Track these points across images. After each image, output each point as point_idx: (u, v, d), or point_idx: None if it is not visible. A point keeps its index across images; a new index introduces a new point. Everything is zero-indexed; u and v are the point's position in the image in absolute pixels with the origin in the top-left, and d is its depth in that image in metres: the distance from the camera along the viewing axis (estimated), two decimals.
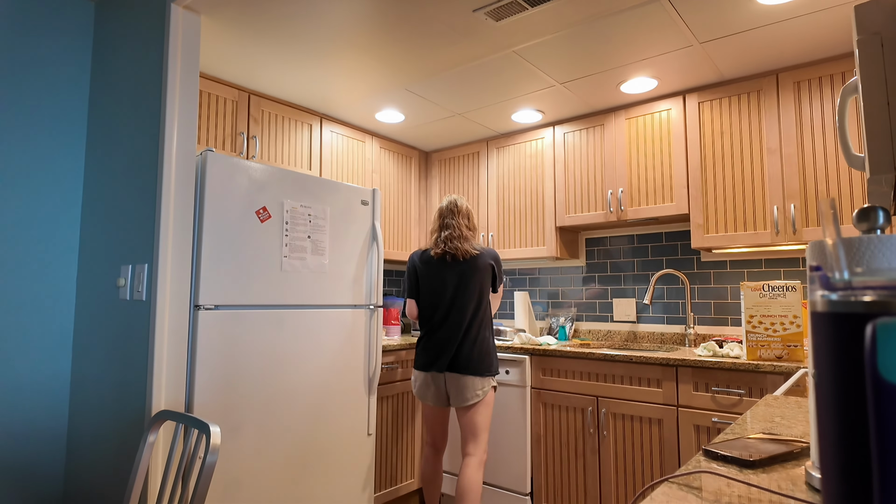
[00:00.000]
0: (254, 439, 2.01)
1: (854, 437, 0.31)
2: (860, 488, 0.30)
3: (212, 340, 1.93)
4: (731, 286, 2.82)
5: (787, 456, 0.81)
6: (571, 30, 2.19)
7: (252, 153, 2.72)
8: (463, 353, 2.36)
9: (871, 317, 0.30)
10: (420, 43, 2.30)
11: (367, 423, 2.46)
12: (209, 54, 2.39)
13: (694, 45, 2.31)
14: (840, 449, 0.31)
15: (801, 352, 2.13)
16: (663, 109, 2.79)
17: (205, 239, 1.94)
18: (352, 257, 2.45)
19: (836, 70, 2.32)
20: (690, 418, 2.27)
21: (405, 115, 3.16)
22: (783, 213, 2.40)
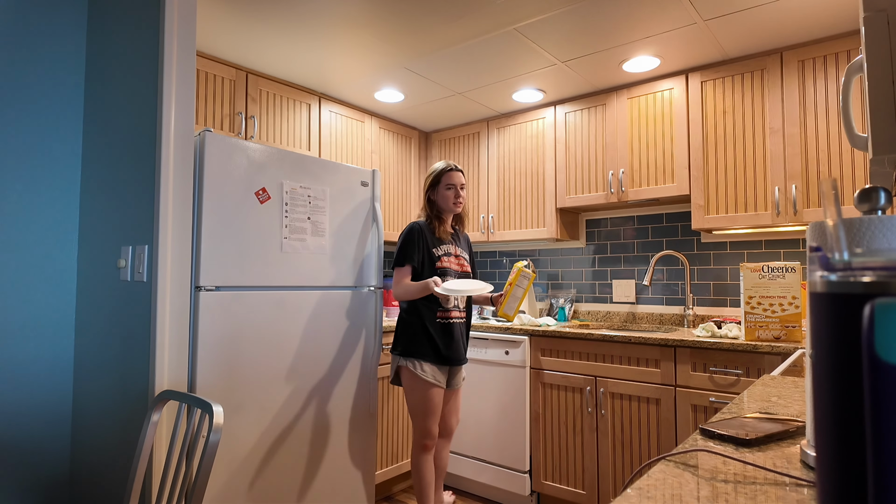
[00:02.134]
0: (256, 419, 2.04)
1: (850, 416, 0.31)
2: (854, 466, 0.30)
3: (213, 321, 1.94)
4: (731, 267, 2.82)
5: (782, 435, 0.82)
6: (573, 6, 2.15)
7: (251, 133, 2.70)
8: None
9: (869, 297, 0.30)
10: (420, 19, 2.26)
11: (368, 402, 2.49)
12: (206, 32, 2.36)
13: (697, 23, 2.28)
14: (835, 427, 0.32)
15: (798, 332, 2.15)
16: (666, 89, 2.76)
17: (204, 220, 1.93)
18: (352, 238, 2.45)
19: (842, 48, 2.29)
20: (688, 398, 2.29)
21: (405, 94, 3.13)
22: (784, 193, 2.39)
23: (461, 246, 2.41)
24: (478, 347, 2.97)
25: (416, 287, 2.18)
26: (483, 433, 2.91)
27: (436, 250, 2.27)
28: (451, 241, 2.35)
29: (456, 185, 2.31)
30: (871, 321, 0.28)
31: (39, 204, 2.07)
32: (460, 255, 2.36)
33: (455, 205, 2.32)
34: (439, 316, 2.26)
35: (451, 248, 2.33)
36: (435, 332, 2.22)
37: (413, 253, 2.24)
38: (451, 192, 2.31)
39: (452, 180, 2.31)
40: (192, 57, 1.89)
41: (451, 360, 2.25)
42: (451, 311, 2.27)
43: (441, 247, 2.30)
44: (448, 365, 2.26)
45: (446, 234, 2.33)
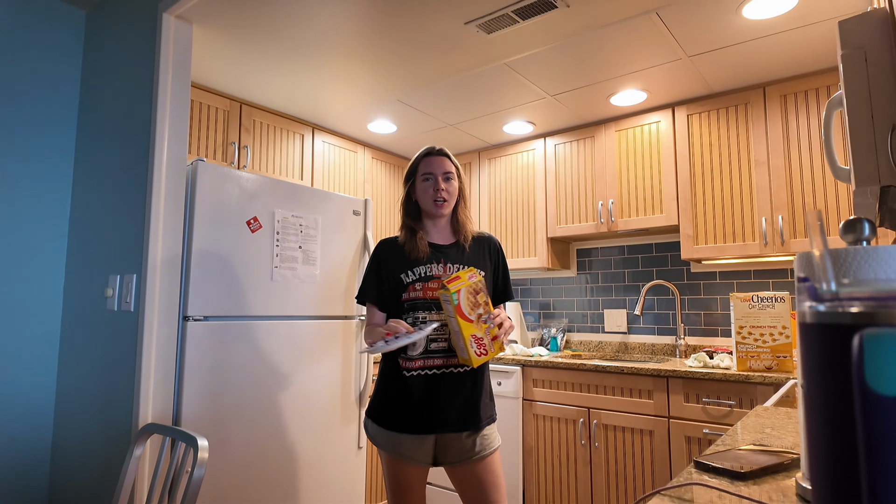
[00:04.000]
0: (243, 452, 1.99)
1: (843, 448, 0.31)
2: (850, 499, 0.30)
3: (200, 352, 1.91)
4: (721, 297, 2.84)
5: (777, 467, 0.81)
6: (562, 42, 2.21)
7: (243, 163, 2.72)
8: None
9: (858, 328, 0.30)
10: (412, 54, 2.31)
11: (357, 436, 2.44)
12: (201, 64, 2.39)
13: (682, 59, 2.34)
14: (829, 460, 0.31)
15: (790, 362, 2.15)
16: (653, 122, 2.82)
17: (194, 249, 1.92)
18: (343, 267, 2.44)
19: (822, 84, 2.36)
20: (681, 429, 2.27)
21: (397, 125, 3.17)
22: (771, 224, 2.43)
23: (466, 259, 1.63)
24: None
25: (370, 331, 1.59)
26: None
27: (405, 275, 1.57)
28: (435, 258, 1.60)
29: (436, 175, 1.60)
30: (860, 352, 0.28)
31: (27, 230, 2.05)
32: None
33: (436, 204, 1.60)
34: (405, 366, 1.55)
35: (436, 269, 1.59)
36: (401, 386, 1.55)
37: (368, 284, 1.64)
38: (430, 184, 1.60)
39: (430, 168, 1.61)
40: (186, 88, 1.91)
41: (429, 425, 1.52)
42: (419, 360, 1.54)
43: (415, 269, 1.58)
44: (426, 433, 1.52)
45: (421, 250, 1.59)
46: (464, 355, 1.45)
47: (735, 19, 2.03)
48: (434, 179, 1.60)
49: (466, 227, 1.67)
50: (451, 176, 1.63)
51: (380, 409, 1.59)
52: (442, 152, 1.65)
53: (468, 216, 1.69)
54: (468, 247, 1.66)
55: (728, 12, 1.98)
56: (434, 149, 1.65)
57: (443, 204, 1.60)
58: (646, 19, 2.03)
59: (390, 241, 1.66)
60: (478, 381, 1.60)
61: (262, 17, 2.02)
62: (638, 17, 2.01)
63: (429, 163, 1.63)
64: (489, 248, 1.70)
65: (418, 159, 1.66)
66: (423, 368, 1.55)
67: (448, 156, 1.65)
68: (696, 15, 2.00)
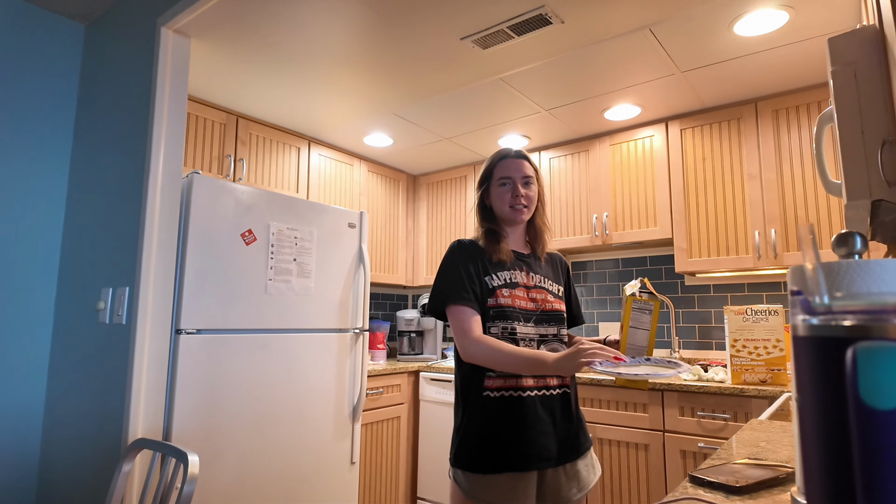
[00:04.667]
0: (235, 467, 1.96)
1: (838, 462, 0.30)
2: None
3: (193, 365, 1.89)
4: (715, 310, 2.84)
5: (772, 481, 0.81)
6: (557, 58, 2.24)
7: (239, 176, 2.72)
8: None
9: (851, 341, 0.31)
10: (408, 69, 2.33)
11: (350, 451, 2.41)
12: (198, 77, 2.40)
13: (676, 74, 2.37)
14: (824, 474, 0.31)
15: (784, 376, 2.14)
16: (646, 136, 2.84)
17: (188, 262, 1.91)
18: (338, 280, 2.43)
19: (813, 99, 2.39)
20: (677, 443, 2.25)
21: (393, 139, 3.19)
22: (764, 237, 2.44)
23: (543, 272, 1.50)
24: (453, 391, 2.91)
25: (513, 353, 1.25)
26: None
27: (490, 279, 1.39)
28: (518, 265, 1.45)
29: (514, 179, 1.45)
30: (854, 365, 0.28)
31: (20, 242, 2.04)
32: (540, 287, 1.46)
33: (514, 209, 1.44)
34: (489, 385, 1.33)
35: (521, 276, 1.43)
36: (490, 415, 1.31)
37: (465, 280, 1.37)
38: (507, 190, 1.45)
39: (508, 171, 1.45)
40: (183, 101, 1.92)
41: (530, 457, 1.29)
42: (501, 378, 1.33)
43: (500, 274, 1.40)
44: (526, 469, 1.28)
45: (508, 254, 1.43)
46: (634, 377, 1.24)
47: (727, 35, 2.06)
48: (512, 184, 1.44)
49: (544, 237, 1.53)
50: (530, 180, 1.46)
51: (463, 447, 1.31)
52: (520, 154, 1.49)
53: (546, 224, 1.53)
54: (543, 259, 1.52)
55: (720, 29, 2.01)
56: (511, 151, 1.49)
57: (522, 210, 1.44)
58: (639, 35, 2.06)
59: (472, 241, 1.46)
60: (568, 402, 1.40)
61: (260, 32, 2.03)
62: (632, 33, 2.04)
63: (506, 166, 1.46)
64: (561, 265, 1.58)
65: (494, 162, 1.49)
66: (507, 389, 1.33)
67: (527, 158, 1.49)
68: (689, 31, 2.03)
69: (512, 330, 1.35)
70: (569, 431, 1.36)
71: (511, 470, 1.27)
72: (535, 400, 1.33)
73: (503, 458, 1.27)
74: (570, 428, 1.37)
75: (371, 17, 1.93)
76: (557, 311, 1.45)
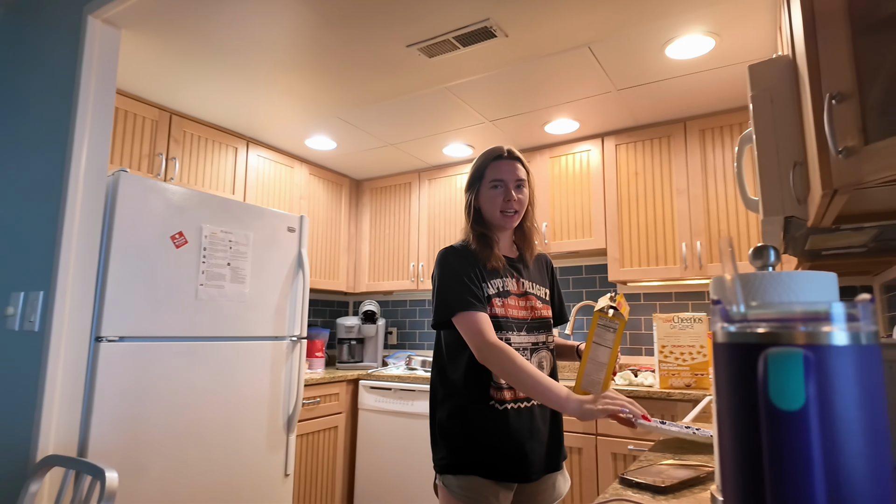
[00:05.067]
0: (159, 482, 1.85)
1: (750, 460, 0.32)
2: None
3: (114, 375, 1.77)
4: (645, 317, 2.98)
5: (694, 481, 0.85)
6: (501, 70, 2.28)
7: (171, 175, 2.59)
8: None
9: (763, 347, 0.33)
10: (353, 72, 2.31)
11: (284, 462, 2.34)
12: (129, 71, 2.28)
13: (612, 92, 2.48)
14: (738, 470, 0.33)
15: (707, 380, 2.27)
16: (584, 150, 2.95)
17: (112, 265, 1.80)
18: (275, 286, 2.36)
19: (736, 121, 2.56)
20: (608, 446, 2.33)
21: (337, 142, 3.14)
22: (691, 249, 2.58)
23: (531, 276, 1.46)
24: (404, 400, 2.90)
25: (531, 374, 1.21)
26: (412, 494, 2.80)
27: (485, 287, 1.35)
28: (509, 272, 1.41)
29: (506, 182, 1.39)
30: (764, 369, 0.30)
31: None
32: (530, 294, 1.43)
33: (504, 215, 1.39)
34: (497, 397, 1.30)
35: (511, 284, 1.40)
36: (493, 426, 1.29)
37: (470, 285, 1.31)
38: (499, 193, 1.39)
39: (501, 174, 1.39)
40: (111, 95, 1.81)
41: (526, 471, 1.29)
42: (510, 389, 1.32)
43: (493, 282, 1.36)
44: (516, 481, 1.29)
45: (496, 260, 1.38)
46: (593, 389, 1.24)
47: (660, 58, 2.18)
48: (504, 188, 1.38)
49: (533, 241, 1.48)
50: (523, 183, 1.40)
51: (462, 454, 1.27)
52: (513, 155, 1.41)
53: (535, 227, 1.49)
54: (531, 262, 1.48)
55: (654, 51, 2.12)
56: (503, 151, 1.41)
57: (513, 216, 1.39)
58: (579, 53, 2.14)
59: (463, 247, 1.40)
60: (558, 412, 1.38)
61: (198, 26, 1.95)
62: (572, 50, 2.11)
63: (498, 168, 1.39)
64: (547, 266, 1.54)
65: (485, 162, 1.41)
66: (517, 401, 1.31)
67: (520, 159, 1.42)
68: (626, 51, 2.13)
69: (507, 340, 1.32)
70: (556, 440, 1.37)
71: (508, 480, 1.26)
72: (535, 410, 1.33)
73: (499, 468, 1.26)
74: (558, 437, 1.38)
75: (315, 19, 1.90)
76: (546, 318, 1.43)
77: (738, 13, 1.86)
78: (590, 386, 1.24)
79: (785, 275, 0.51)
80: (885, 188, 0.80)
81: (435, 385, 1.38)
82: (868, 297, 0.33)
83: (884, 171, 0.70)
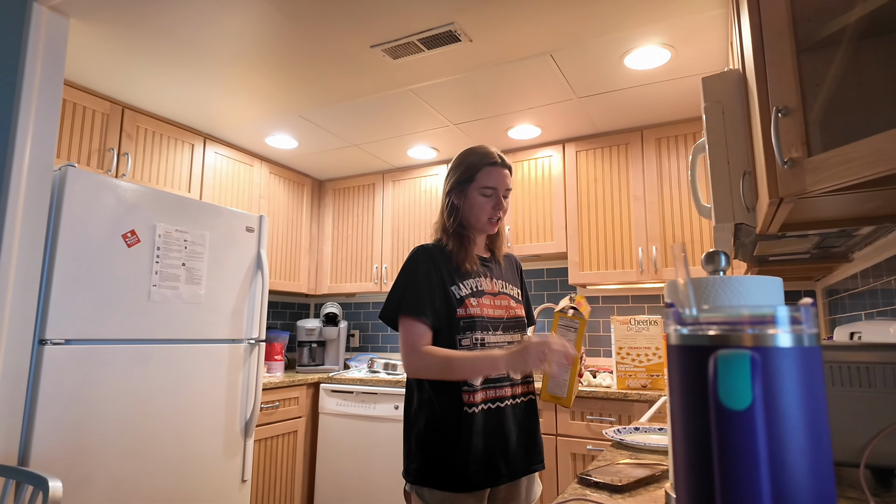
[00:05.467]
0: (107, 491, 1.77)
1: (701, 458, 0.34)
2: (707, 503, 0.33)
3: (59, 380, 1.69)
4: (603, 320, 3.05)
5: (650, 479, 0.87)
6: (465, 75, 2.30)
7: (123, 171, 2.49)
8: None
9: (713, 349, 0.34)
10: (316, 71, 2.28)
11: (242, 468, 2.28)
12: (78, 61, 2.18)
13: (573, 99, 2.53)
14: (690, 468, 0.34)
15: (662, 381, 2.34)
16: (546, 156, 3.00)
17: (58, 264, 1.71)
18: (232, 287, 2.30)
19: (690, 130, 2.66)
20: (568, 446, 2.38)
21: (298, 141, 3.09)
22: (647, 254, 2.66)
23: (504, 276, 1.47)
24: (366, 403, 2.87)
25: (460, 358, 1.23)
26: (374, 498, 2.78)
27: (456, 288, 1.34)
28: (483, 271, 1.41)
29: (498, 191, 1.39)
30: (714, 370, 0.32)
31: None
32: (504, 293, 1.43)
33: (490, 222, 1.39)
34: (469, 400, 1.28)
35: (486, 283, 1.39)
36: (464, 430, 1.26)
37: (422, 295, 1.31)
38: (489, 202, 1.38)
39: (493, 181, 1.38)
40: (58, 86, 1.73)
41: (497, 475, 1.27)
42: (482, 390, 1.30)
43: (466, 282, 1.36)
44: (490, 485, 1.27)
45: (471, 261, 1.38)
46: (559, 392, 1.21)
47: (619, 67, 2.24)
48: (496, 197, 1.38)
49: (504, 243, 1.51)
50: (509, 192, 1.42)
51: (438, 465, 1.24)
52: (506, 163, 1.40)
53: (503, 229, 1.51)
54: (503, 262, 1.49)
55: (613, 60, 2.18)
56: (497, 157, 1.40)
57: (497, 223, 1.40)
58: (542, 60, 2.17)
59: (436, 247, 1.38)
60: (534, 411, 1.39)
61: (152, 17, 1.89)
62: (535, 57, 2.15)
63: (492, 175, 1.38)
64: (516, 266, 1.55)
65: (477, 165, 1.39)
66: (488, 401, 1.29)
67: (510, 167, 1.43)
68: (586, 61, 2.18)
69: (483, 340, 1.32)
70: (531, 440, 1.35)
71: (487, 486, 1.25)
72: (507, 410, 1.31)
73: (480, 474, 1.24)
74: (534, 436, 1.36)
75: (277, 16, 1.87)
76: (521, 317, 1.43)
77: (693, 27, 1.94)
78: (556, 388, 1.22)
79: (735, 279, 0.53)
80: (826, 198, 0.85)
81: (411, 388, 1.36)
82: (810, 301, 0.35)
83: (824, 183, 0.74)
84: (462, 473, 1.22)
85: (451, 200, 1.41)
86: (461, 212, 1.40)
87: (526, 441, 1.34)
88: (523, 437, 1.34)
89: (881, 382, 0.73)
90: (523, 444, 1.33)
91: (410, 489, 1.29)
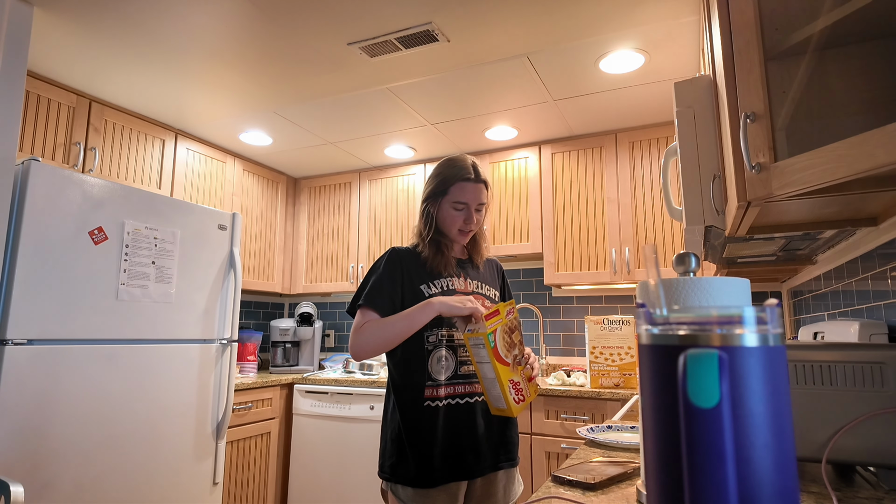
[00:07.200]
0: (71, 496, 1.72)
1: (671, 456, 0.34)
2: (676, 502, 0.34)
3: (21, 381, 1.63)
4: (577, 320, 3.09)
5: (622, 477, 0.89)
6: (443, 74, 2.30)
7: (90, 167, 2.42)
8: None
9: (683, 348, 0.35)
10: (291, 67, 2.25)
11: (213, 471, 2.24)
12: (42, 52, 2.11)
13: (549, 101, 2.55)
14: (659, 467, 0.35)
15: (634, 380, 2.38)
16: (522, 157, 3.02)
17: (20, 261, 1.66)
18: (204, 286, 2.26)
19: (663, 134, 2.71)
20: (542, 445, 2.40)
21: (273, 138, 3.05)
22: (620, 255, 2.71)
23: (481, 277, 1.51)
24: (341, 404, 2.85)
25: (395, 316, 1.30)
26: (348, 499, 2.75)
27: (426, 287, 1.39)
28: (456, 272, 1.45)
29: (469, 206, 1.42)
30: (684, 370, 0.33)
31: None
32: (479, 294, 1.46)
33: (460, 233, 1.44)
34: (431, 395, 1.31)
35: (458, 283, 1.44)
36: (427, 425, 1.29)
37: (382, 288, 1.36)
38: (460, 215, 1.42)
39: (465, 196, 1.41)
40: (20, 77, 1.67)
41: (469, 468, 1.31)
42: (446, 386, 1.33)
43: (437, 281, 1.40)
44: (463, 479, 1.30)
45: (446, 265, 1.43)
46: (499, 405, 1.24)
47: (594, 71, 2.27)
48: (467, 211, 1.42)
49: (482, 246, 1.52)
50: (482, 206, 1.45)
51: (407, 461, 1.28)
52: (479, 178, 1.43)
53: (484, 234, 1.54)
54: (482, 265, 1.53)
55: (588, 64, 2.21)
56: (471, 171, 1.42)
57: (467, 234, 1.45)
58: (518, 62, 2.19)
59: (408, 251, 1.44)
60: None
61: (121, 8, 1.84)
62: (512, 59, 2.16)
63: (464, 190, 1.41)
64: (497, 270, 1.58)
65: (450, 180, 1.42)
66: (453, 397, 1.33)
67: (486, 182, 1.45)
68: (562, 63, 2.20)
69: (450, 337, 1.35)
70: (502, 437, 1.39)
71: (456, 479, 1.28)
72: (476, 406, 1.35)
73: (448, 469, 1.27)
74: (506, 433, 1.40)
75: (252, 9, 1.84)
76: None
77: (666, 32, 1.98)
78: (496, 402, 1.26)
79: (704, 280, 0.55)
80: (791, 202, 0.87)
81: (388, 387, 1.41)
82: (775, 302, 0.36)
83: (789, 187, 0.77)
84: (427, 468, 1.26)
85: (427, 208, 1.46)
86: (436, 221, 1.45)
87: (497, 437, 1.37)
88: (495, 433, 1.36)
89: (842, 381, 0.76)
90: (494, 441, 1.36)
91: (386, 486, 1.32)
